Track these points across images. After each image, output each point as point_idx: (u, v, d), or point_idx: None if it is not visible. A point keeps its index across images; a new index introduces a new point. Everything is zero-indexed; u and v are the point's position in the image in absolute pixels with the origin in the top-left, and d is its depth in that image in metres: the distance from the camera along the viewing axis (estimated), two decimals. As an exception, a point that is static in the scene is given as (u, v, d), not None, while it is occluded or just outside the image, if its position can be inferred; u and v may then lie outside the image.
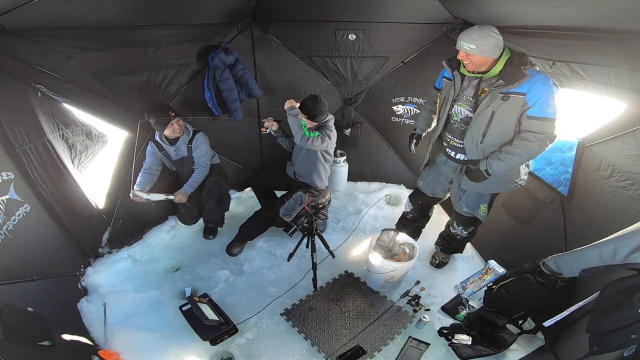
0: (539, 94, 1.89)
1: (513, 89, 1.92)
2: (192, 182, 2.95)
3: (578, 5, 1.70)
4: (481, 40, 1.91)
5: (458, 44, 1.99)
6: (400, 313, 2.49)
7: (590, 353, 1.53)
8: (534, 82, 1.89)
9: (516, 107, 1.96)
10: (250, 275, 2.82)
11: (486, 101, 2.02)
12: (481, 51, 1.93)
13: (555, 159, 2.32)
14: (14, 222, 2.02)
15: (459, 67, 2.15)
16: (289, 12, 3.07)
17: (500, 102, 1.98)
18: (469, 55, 1.97)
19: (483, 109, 2.04)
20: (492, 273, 2.17)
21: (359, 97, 3.62)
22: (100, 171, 2.91)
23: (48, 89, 2.29)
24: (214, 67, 2.99)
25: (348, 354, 2.15)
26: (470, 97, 2.13)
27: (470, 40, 1.93)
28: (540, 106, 1.90)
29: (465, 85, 2.15)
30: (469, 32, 1.95)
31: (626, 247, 1.42)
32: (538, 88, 1.89)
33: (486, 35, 1.91)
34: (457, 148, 2.32)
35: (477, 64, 2.00)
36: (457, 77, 2.15)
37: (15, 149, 2.14)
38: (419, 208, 2.85)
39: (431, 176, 2.61)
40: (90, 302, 2.46)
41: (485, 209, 2.43)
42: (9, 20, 1.84)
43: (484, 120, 2.06)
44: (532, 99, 1.90)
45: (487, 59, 1.97)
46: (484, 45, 1.92)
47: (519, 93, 1.93)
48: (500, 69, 2.00)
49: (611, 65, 1.85)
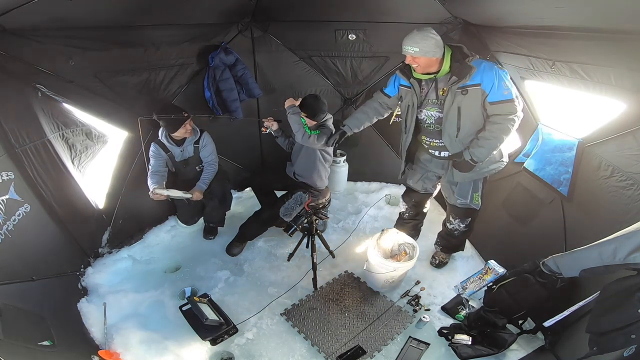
0: (491, 81, 2.06)
1: (467, 82, 2.08)
2: (205, 179, 2.93)
3: (578, 5, 1.70)
4: (422, 42, 2.03)
5: (403, 49, 2.10)
6: (400, 313, 2.49)
7: (590, 353, 1.53)
8: (482, 71, 2.06)
9: (477, 98, 2.12)
10: (250, 275, 2.82)
11: (449, 99, 2.16)
12: (424, 52, 2.05)
13: (555, 159, 2.32)
14: (14, 222, 2.02)
15: (412, 74, 2.24)
16: (289, 12, 3.07)
17: (462, 97, 2.13)
18: (415, 58, 2.09)
19: (449, 106, 2.18)
20: (492, 273, 2.18)
21: (359, 97, 3.62)
22: (100, 171, 2.91)
23: (48, 89, 2.29)
24: (214, 67, 2.99)
25: (348, 354, 2.15)
26: (434, 99, 2.25)
27: (413, 44, 2.05)
28: (496, 91, 2.07)
29: (425, 89, 2.26)
30: (411, 35, 2.07)
31: (626, 247, 1.42)
32: (488, 76, 2.06)
33: (425, 37, 2.03)
34: (439, 147, 2.41)
35: (424, 66, 2.12)
36: (415, 84, 2.27)
37: (15, 149, 2.13)
38: (413, 206, 2.89)
39: (419, 174, 2.68)
40: (90, 302, 2.45)
41: (478, 197, 2.52)
42: (9, 20, 1.84)
43: (453, 117, 2.20)
44: (487, 87, 2.07)
45: (431, 60, 2.09)
46: (425, 46, 2.03)
47: (474, 85, 2.09)
48: (447, 69, 2.11)
49: (611, 65, 1.85)
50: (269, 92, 3.46)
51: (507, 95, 2.07)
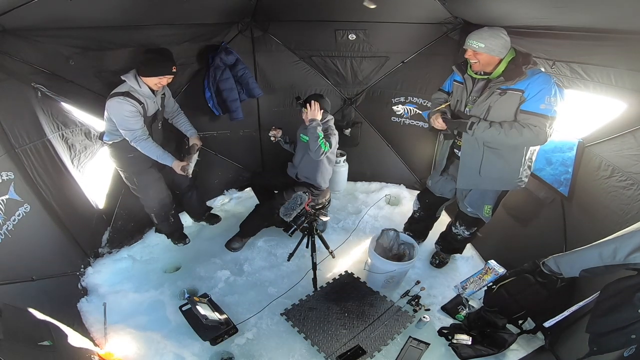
0: (535, 90, 1.95)
1: (511, 86, 1.99)
2: (191, 125, 2.83)
3: (578, 5, 1.70)
4: (490, 39, 1.97)
5: (467, 42, 2.03)
6: (400, 313, 2.49)
7: (590, 353, 1.53)
8: (534, 80, 1.95)
9: (513, 103, 2.03)
10: (250, 275, 2.82)
11: (484, 96, 2.10)
12: (489, 50, 1.99)
13: (556, 159, 2.32)
14: (14, 222, 2.02)
15: (467, 71, 2.20)
16: (289, 12, 3.07)
17: (497, 97, 2.05)
18: (477, 53, 2.02)
19: (480, 102, 2.12)
20: (492, 273, 2.17)
21: (359, 97, 3.62)
22: (100, 171, 2.91)
23: (48, 89, 2.29)
24: (214, 67, 2.99)
25: (348, 354, 2.15)
26: (476, 99, 2.17)
27: (480, 39, 1.98)
28: (534, 102, 1.96)
29: (474, 87, 2.19)
30: (480, 31, 2.01)
31: (626, 247, 1.42)
32: (535, 85, 1.95)
33: (496, 36, 1.98)
34: None
35: (484, 63, 2.05)
36: (469, 80, 2.20)
37: (15, 149, 2.14)
38: (425, 207, 2.86)
39: (439, 176, 2.64)
40: (90, 302, 2.46)
41: (490, 210, 2.44)
42: (9, 20, 1.83)
43: (479, 114, 2.13)
44: (528, 95, 1.97)
45: (493, 58, 2.03)
46: (492, 44, 1.98)
47: (516, 90, 1.99)
48: (502, 70, 2.04)
49: (611, 65, 1.85)
50: (269, 92, 3.45)
51: (543, 110, 1.93)
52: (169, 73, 2.39)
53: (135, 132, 2.38)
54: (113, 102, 2.31)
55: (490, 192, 2.38)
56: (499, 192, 2.40)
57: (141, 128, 2.40)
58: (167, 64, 2.38)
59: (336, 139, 2.83)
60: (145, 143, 2.43)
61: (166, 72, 2.38)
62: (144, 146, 2.44)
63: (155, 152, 2.49)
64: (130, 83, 2.34)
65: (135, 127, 2.37)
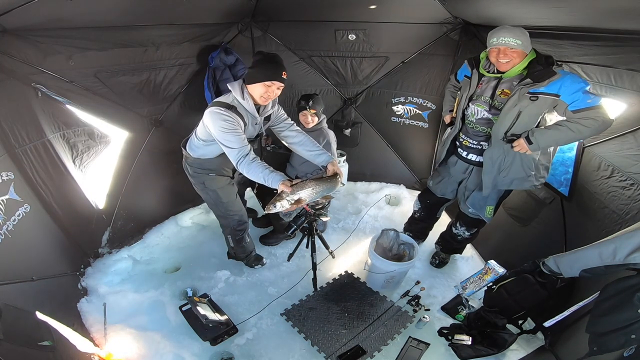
0: (573, 89, 1.85)
1: (541, 88, 1.91)
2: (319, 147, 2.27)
3: (578, 5, 1.70)
4: (523, 36, 1.92)
5: (500, 40, 1.93)
6: (400, 313, 2.49)
7: (590, 353, 1.53)
8: (564, 81, 1.87)
9: (543, 108, 1.96)
10: (250, 275, 2.81)
11: (513, 101, 2.00)
12: (525, 47, 1.94)
13: (556, 159, 2.32)
14: (14, 222, 2.02)
15: (478, 67, 2.18)
16: (289, 12, 3.08)
17: (528, 103, 1.96)
18: (514, 50, 1.94)
19: (510, 108, 2.02)
20: (492, 273, 2.18)
21: (359, 97, 3.62)
22: (101, 171, 2.91)
23: (48, 89, 2.29)
24: (214, 67, 2.98)
25: (348, 354, 2.15)
26: (488, 98, 2.14)
27: (516, 37, 1.91)
28: (580, 101, 1.84)
29: (483, 86, 2.16)
30: (510, 29, 1.93)
31: (626, 247, 1.42)
32: (569, 86, 1.86)
33: (524, 32, 1.93)
34: (469, 148, 2.34)
35: (517, 61, 1.98)
36: (475, 76, 2.17)
37: (15, 149, 2.14)
38: (426, 207, 2.85)
39: (441, 176, 2.63)
40: (90, 302, 2.45)
41: (492, 210, 2.43)
42: (9, 20, 1.84)
43: (509, 120, 2.04)
44: (568, 97, 1.87)
45: (525, 55, 1.98)
46: (526, 41, 1.93)
47: (550, 94, 1.91)
48: (521, 69, 2.00)
49: (611, 65, 1.85)
50: (269, 92, 3.45)
51: (592, 102, 1.83)
52: (278, 79, 2.00)
53: (240, 151, 1.95)
54: (208, 111, 1.99)
55: (493, 193, 2.37)
56: (501, 193, 2.39)
57: (244, 141, 1.97)
58: (277, 68, 2.00)
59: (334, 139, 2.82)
60: (250, 166, 1.95)
61: (275, 77, 1.99)
62: (249, 170, 1.97)
63: (262, 174, 1.95)
64: (234, 93, 2.00)
65: (236, 146, 1.94)
